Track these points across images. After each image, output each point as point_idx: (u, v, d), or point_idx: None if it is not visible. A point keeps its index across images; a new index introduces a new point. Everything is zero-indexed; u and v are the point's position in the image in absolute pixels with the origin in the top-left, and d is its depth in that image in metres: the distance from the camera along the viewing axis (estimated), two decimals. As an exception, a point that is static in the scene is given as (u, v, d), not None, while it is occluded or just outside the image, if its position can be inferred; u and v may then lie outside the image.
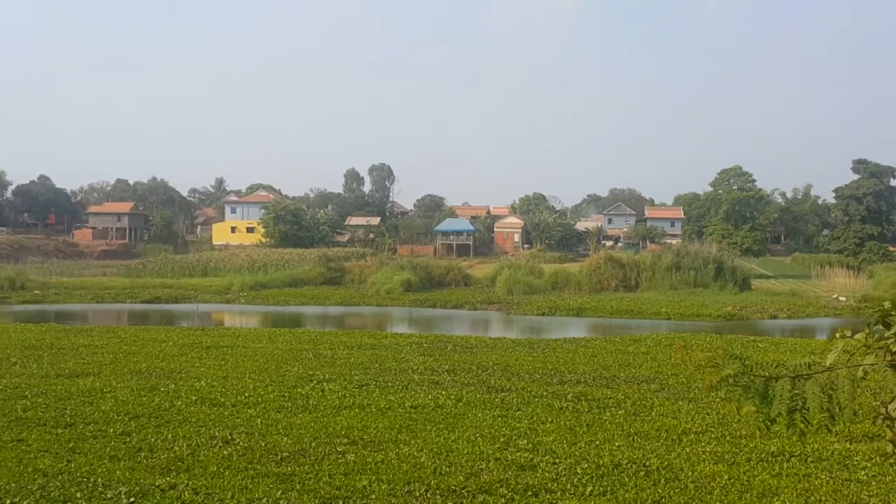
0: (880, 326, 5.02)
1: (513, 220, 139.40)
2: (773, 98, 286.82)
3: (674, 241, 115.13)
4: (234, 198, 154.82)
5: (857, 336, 5.11)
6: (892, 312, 5.01)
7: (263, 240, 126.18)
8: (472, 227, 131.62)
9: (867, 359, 4.97)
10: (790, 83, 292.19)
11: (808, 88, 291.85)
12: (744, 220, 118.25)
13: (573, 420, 16.86)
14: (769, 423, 5.06)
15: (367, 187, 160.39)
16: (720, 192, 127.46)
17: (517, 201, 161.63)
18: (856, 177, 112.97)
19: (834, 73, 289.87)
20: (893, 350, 4.89)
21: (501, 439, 14.85)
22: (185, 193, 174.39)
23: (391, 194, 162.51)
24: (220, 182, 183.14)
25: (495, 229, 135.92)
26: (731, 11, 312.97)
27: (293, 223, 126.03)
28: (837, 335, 5.12)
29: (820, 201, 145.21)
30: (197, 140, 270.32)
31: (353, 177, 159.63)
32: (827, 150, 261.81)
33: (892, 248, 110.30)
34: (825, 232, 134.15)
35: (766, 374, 5.08)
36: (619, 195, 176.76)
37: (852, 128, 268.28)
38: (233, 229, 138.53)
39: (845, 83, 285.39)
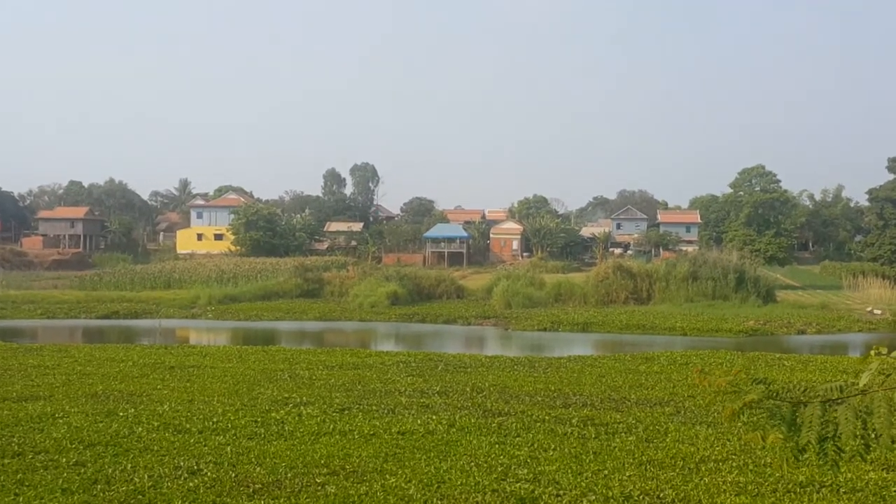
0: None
1: (511, 225, 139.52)
2: (798, 90, 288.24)
3: (690, 249, 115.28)
4: (200, 201, 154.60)
5: (894, 354, 5.11)
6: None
7: (233, 248, 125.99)
8: (465, 234, 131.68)
9: None
10: (817, 73, 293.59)
11: (838, 80, 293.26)
12: (767, 224, 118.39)
13: (579, 447, 16.86)
14: (798, 454, 5.05)
15: (348, 189, 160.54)
16: (741, 193, 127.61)
17: (515, 204, 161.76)
18: (891, 177, 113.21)
19: (865, 64, 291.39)
20: (934, 370, 4.89)
21: (499, 469, 14.83)
22: (146, 197, 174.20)
23: (375, 197, 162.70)
24: (184, 184, 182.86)
25: (491, 236, 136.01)
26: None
27: (266, 229, 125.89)
28: (872, 353, 5.11)
29: (852, 204, 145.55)
30: (159, 138, 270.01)
31: (332, 178, 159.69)
32: (860, 148, 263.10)
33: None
34: (858, 238, 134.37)
35: (794, 398, 5.07)
36: (628, 197, 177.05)
37: (887, 123, 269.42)
38: (199, 236, 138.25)
39: (879, 74, 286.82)
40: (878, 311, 68.10)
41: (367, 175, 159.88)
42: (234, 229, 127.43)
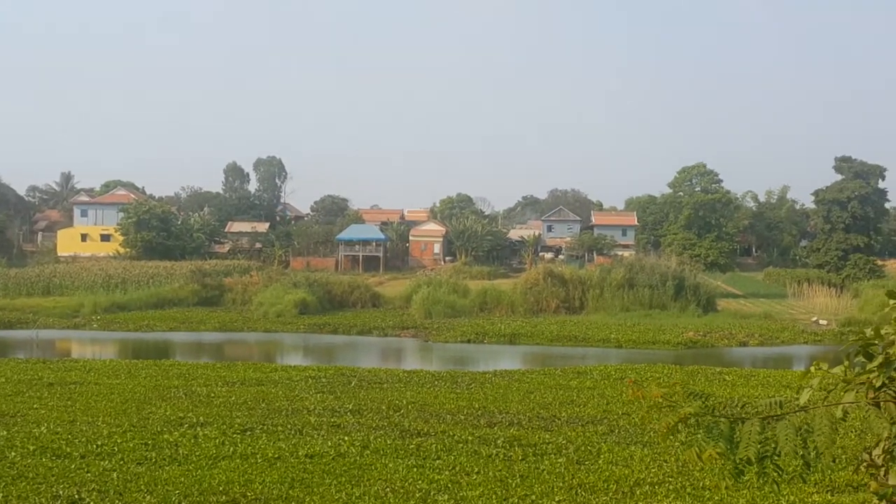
0: (862, 358, 5.16)
1: (432, 226, 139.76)
2: (741, 86, 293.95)
3: (626, 253, 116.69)
4: (85, 198, 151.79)
5: (836, 369, 5.24)
6: (875, 341, 5.15)
7: (122, 250, 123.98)
8: (382, 236, 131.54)
9: (847, 396, 5.10)
10: (761, 68, 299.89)
11: (783, 75, 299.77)
12: (708, 227, 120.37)
13: (504, 470, 16.98)
14: (738, 473, 5.16)
15: (252, 186, 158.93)
16: (680, 194, 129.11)
17: (438, 204, 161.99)
18: (839, 177, 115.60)
19: (812, 60, 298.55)
20: (877, 386, 5.03)
21: (417, 495, 14.87)
22: (22, 192, 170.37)
23: (283, 194, 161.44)
24: (67, 178, 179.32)
25: (411, 238, 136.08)
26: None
27: (160, 229, 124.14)
28: (813, 369, 5.25)
29: (798, 206, 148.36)
30: (37, 127, 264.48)
31: (234, 173, 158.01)
32: (806, 146, 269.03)
33: (880, 262, 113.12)
34: (803, 243, 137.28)
35: (732, 414, 5.19)
36: (560, 198, 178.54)
37: (835, 121, 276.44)
38: (83, 237, 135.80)
39: (826, 70, 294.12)
40: (824, 322, 69.72)
41: (273, 170, 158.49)
42: (124, 229, 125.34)
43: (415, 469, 17.00)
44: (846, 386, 5.15)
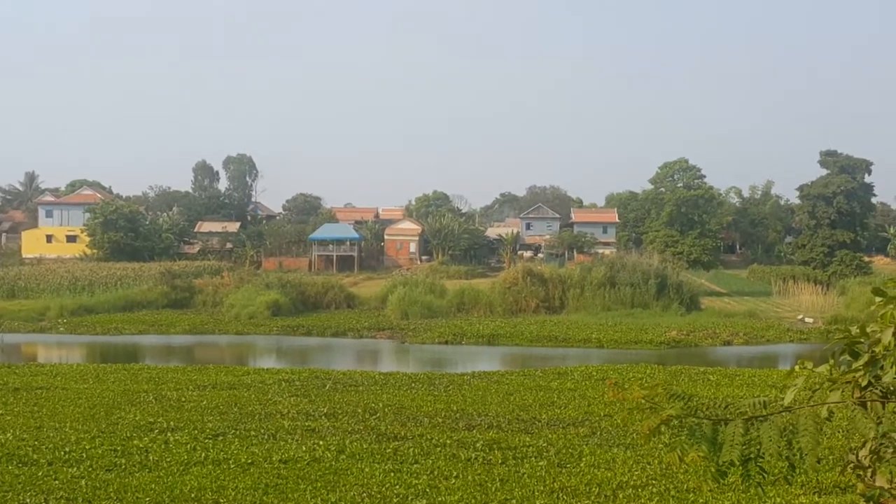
0: (847, 356, 5.18)
1: (408, 224, 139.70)
2: (723, 80, 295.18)
3: (607, 251, 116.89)
4: (50, 198, 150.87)
5: (821, 368, 5.26)
6: (860, 339, 5.18)
7: (89, 251, 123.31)
8: (356, 235, 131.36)
9: (833, 395, 5.12)
10: (744, 62, 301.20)
11: (766, 69, 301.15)
12: (691, 224, 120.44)
13: (484, 474, 17.00)
14: (720, 475, 5.18)
15: (222, 185, 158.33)
16: (662, 190, 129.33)
17: (413, 202, 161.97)
18: (824, 172, 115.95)
19: (796, 52, 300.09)
20: (863, 385, 5.06)
21: (395, 500, 14.87)
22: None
23: (254, 193, 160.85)
24: (31, 178, 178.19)
25: (386, 237, 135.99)
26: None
27: (128, 230, 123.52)
28: (797, 367, 5.27)
29: (782, 202, 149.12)
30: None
31: (204, 171, 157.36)
32: (791, 141, 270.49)
33: (867, 259, 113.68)
34: (788, 239, 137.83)
35: (715, 415, 5.22)
36: (539, 195, 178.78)
37: (819, 115, 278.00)
38: (49, 238, 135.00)
39: (811, 63, 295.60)
40: (810, 320, 70.05)
41: (243, 168, 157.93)
42: (90, 230, 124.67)
43: (392, 474, 17.01)
44: (832, 385, 5.16)
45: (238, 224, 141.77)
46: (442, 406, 26.58)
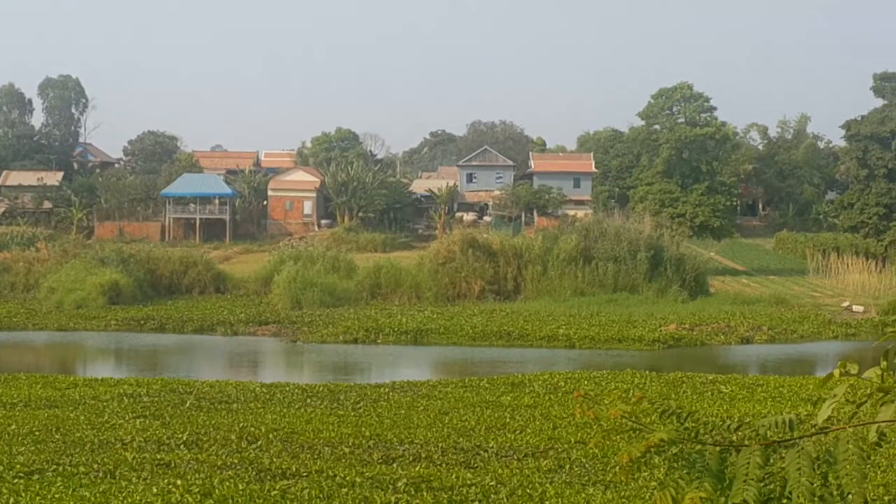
0: (905, 358, 5.18)
1: (301, 175, 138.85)
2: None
3: (580, 213, 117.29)
4: None
5: (869, 373, 5.26)
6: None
7: None
8: (228, 190, 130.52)
9: (885, 411, 5.12)
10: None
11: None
12: (696, 175, 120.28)
13: (408, 525, 17.10)
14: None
15: (37, 119, 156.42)
16: (656, 127, 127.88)
17: (308, 144, 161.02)
18: (879, 102, 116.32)
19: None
20: (927, 397, 5.08)
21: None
22: None
23: (83, 131, 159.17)
24: None
25: (270, 192, 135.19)
26: None
27: None
28: (837, 372, 5.26)
29: (822, 144, 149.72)
30: None
31: (11, 99, 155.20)
32: (833, 60, 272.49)
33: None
34: (830, 196, 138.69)
35: (722, 439, 5.25)
36: (485, 134, 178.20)
37: (872, 21, 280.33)
38: None
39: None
40: (859, 308, 70.65)
41: (67, 96, 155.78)
42: None
43: (279, 526, 17.06)
44: (884, 397, 5.16)
45: (60, 174, 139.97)
46: (349, 430, 26.60)
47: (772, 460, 5.10)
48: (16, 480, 20.31)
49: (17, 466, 21.58)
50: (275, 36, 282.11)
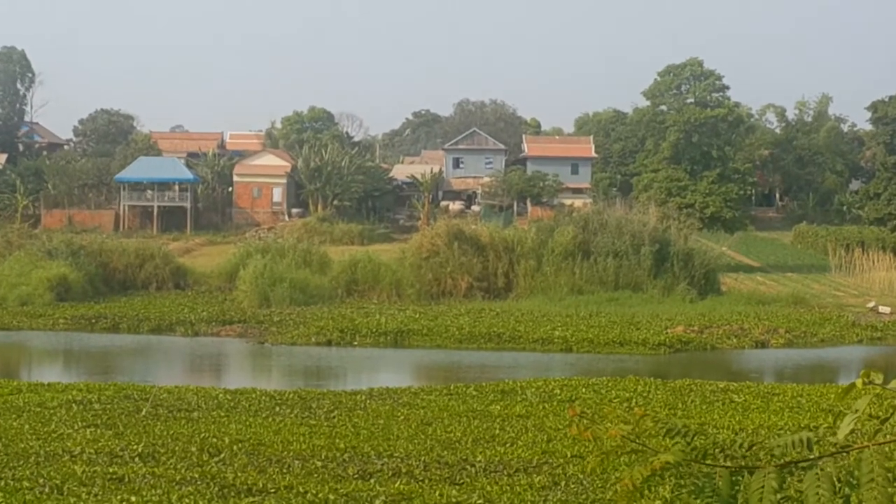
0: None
1: (270, 159, 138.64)
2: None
3: (578, 202, 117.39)
4: None
5: (894, 384, 5.25)
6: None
7: None
8: (189, 175, 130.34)
9: None
10: None
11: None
12: (707, 161, 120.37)
13: (386, 548, 17.10)
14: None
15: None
16: (663, 108, 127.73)
17: (278, 125, 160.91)
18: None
19: None
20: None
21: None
22: None
23: (29, 109, 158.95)
24: None
25: (236, 178, 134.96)
26: None
27: None
28: (860, 382, 5.23)
29: (845, 127, 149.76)
30: None
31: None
32: (856, 34, 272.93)
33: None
34: (854, 185, 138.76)
35: (734, 459, 5.24)
36: (473, 114, 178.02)
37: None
38: None
39: None
40: (886, 310, 70.69)
41: (12, 70, 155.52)
42: None
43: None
44: None
45: (3, 157, 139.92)
46: (322, 442, 26.60)
47: (788, 483, 5.09)
48: (-49, 497, 20.31)
49: (-46, 481, 21.58)
50: (242, 6, 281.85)
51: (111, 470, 22.86)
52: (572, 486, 21.76)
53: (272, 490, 21.04)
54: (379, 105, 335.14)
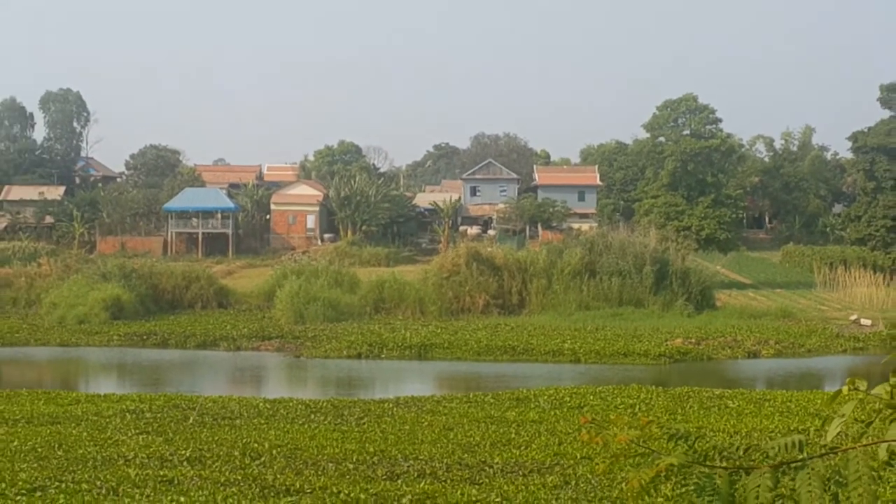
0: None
1: (304, 189, 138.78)
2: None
3: (585, 226, 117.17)
4: None
5: (879, 390, 5.23)
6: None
7: None
8: (231, 204, 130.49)
9: (893, 429, 5.10)
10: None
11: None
12: (702, 188, 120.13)
13: (413, 543, 17.07)
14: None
15: (39, 133, 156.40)
16: (662, 139, 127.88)
17: (311, 157, 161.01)
18: (886, 114, 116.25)
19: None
20: (936, 414, 5.07)
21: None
22: None
23: (84, 145, 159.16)
24: None
25: (273, 207, 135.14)
26: None
27: None
28: (846, 389, 5.23)
29: (828, 155, 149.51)
30: None
31: (13, 113, 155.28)
32: (839, 71, 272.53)
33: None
34: (837, 209, 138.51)
35: (732, 461, 5.24)
36: (488, 147, 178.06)
37: (878, 32, 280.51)
38: None
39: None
40: (867, 322, 70.52)
41: (69, 110, 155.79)
42: None
43: (283, 544, 17.03)
44: (892, 414, 5.12)
45: (62, 189, 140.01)
46: (353, 446, 26.58)
47: (782, 482, 5.09)
48: (18, 497, 20.28)
49: (20, 483, 21.56)
50: (276, 49, 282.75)
51: (162, 473, 22.85)
52: (582, 485, 21.70)
53: (308, 490, 21.01)
54: (403, 139, 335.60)
